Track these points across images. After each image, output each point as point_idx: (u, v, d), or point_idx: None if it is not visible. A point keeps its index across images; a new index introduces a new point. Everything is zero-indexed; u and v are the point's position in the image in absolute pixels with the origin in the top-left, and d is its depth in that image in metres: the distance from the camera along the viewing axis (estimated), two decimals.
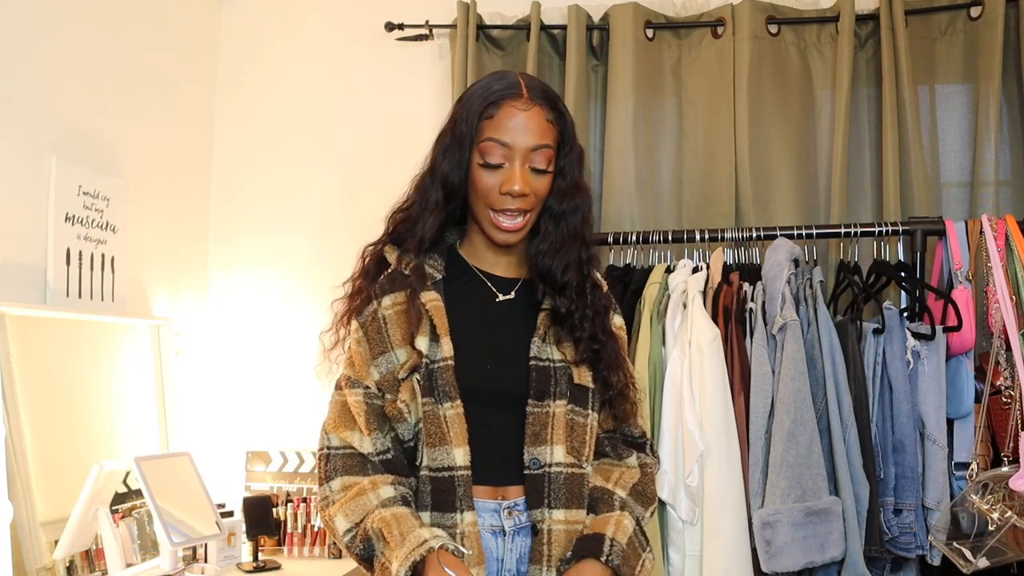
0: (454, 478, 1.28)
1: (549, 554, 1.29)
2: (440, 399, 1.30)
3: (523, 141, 1.30)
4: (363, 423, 1.34)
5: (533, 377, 1.33)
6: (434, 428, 1.29)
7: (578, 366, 1.36)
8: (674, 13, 2.61)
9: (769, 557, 1.95)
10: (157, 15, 2.50)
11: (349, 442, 1.35)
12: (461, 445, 1.29)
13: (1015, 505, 1.85)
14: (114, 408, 2.18)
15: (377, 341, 1.35)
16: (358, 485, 1.31)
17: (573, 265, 1.37)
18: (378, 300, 1.37)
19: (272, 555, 2.44)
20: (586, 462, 1.35)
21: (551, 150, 1.33)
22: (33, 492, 1.84)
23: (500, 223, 1.33)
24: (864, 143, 2.51)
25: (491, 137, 1.31)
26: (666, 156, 2.58)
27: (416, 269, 1.36)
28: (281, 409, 2.69)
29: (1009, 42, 2.37)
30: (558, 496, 1.30)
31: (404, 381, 1.32)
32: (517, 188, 1.30)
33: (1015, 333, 1.99)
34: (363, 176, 2.74)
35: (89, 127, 2.22)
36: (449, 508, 1.28)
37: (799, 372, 2.00)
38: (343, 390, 1.39)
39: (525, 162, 1.31)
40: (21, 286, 1.97)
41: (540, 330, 1.36)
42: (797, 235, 2.21)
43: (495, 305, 1.40)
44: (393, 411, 1.34)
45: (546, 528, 1.30)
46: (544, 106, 1.33)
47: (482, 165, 1.32)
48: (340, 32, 2.80)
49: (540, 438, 1.31)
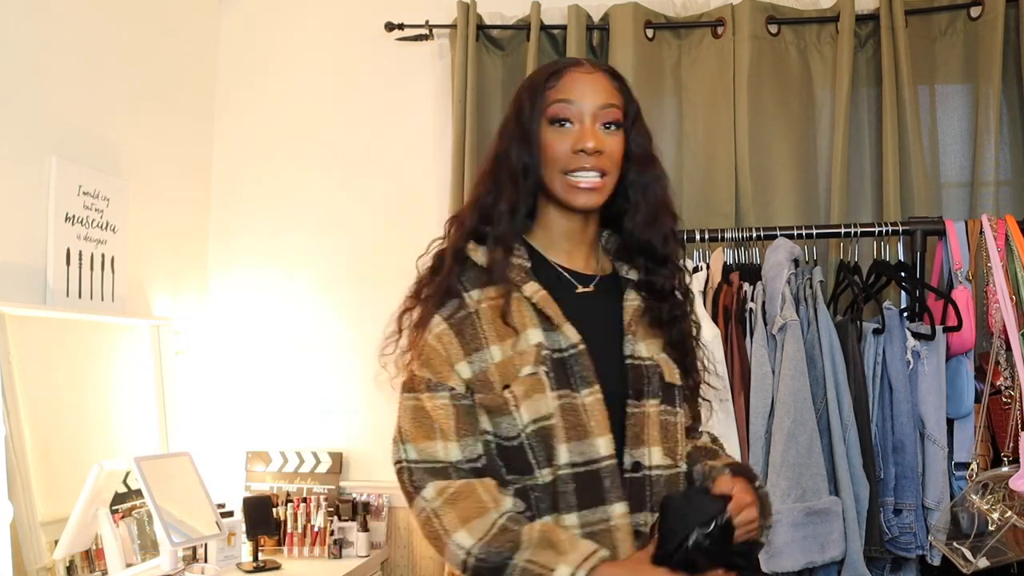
0: (599, 470, 1.20)
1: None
2: (577, 386, 1.22)
3: (591, 98, 1.27)
4: (452, 428, 1.23)
5: (631, 377, 1.26)
6: (574, 419, 1.20)
7: (667, 363, 1.31)
8: (674, 13, 2.61)
9: (769, 557, 1.95)
10: (157, 15, 2.50)
11: (430, 453, 1.23)
12: (604, 434, 1.21)
13: (1015, 505, 1.85)
14: (114, 408, 2.18)
15: (470, 337, 1.24)
16: (463, 486, 1.20)
17: (671, 237, 1.33)
18: (468, 295, 1.27)
19: (272, 555, 2.44)
20: (681, 460, 1.31)
21: (619, 110, 1.29)
22: (33, 492, 1.84)
23: (578, 182, 1.26)
24: (864, 143, 2.51)
25: (558, 99, 1.27)
26: (666, 156, 2.53)
27: (509, 263, 1.27)
28: (281, 409, 2.69)
29: (1009, 42, 2.37)
30: (660, 500, 1.23)
31: (528, 377, 1.21)
32: (591, 145, 1.24)
33: (1015, 333, 1.99)
34: (363, 176, 2.74)
35: (89, 127, 2.22)
36: (599, 502, 1.20)
37: (799, 372, 2.00)
38: (418, 394, 1.25)
39: (595, 120, 1.27)
40: (21, 286, 1.97)
41: (632, 326, 1.29)
42: (797, 235, 2.21)
43: (576, 298, 1.31)
44: (494, 404, 1.22)
45: (647, 532, 1.23)
46: (608, 74, 1.31)
47: (551, 123, 1.27)
48: (340, 32, 2.80)
49: (639, 440, 1.25)
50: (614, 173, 1.29)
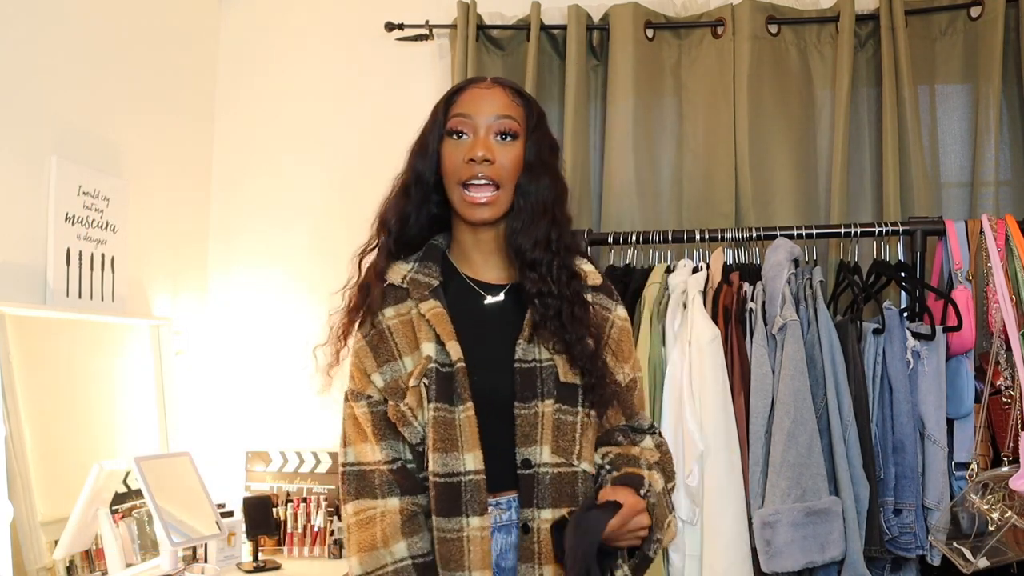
0: (461, 483, 1.29)
1: (540, 552, 1.30)
2: (456, 401, 1.31)
3: (487, 111, 1.35)
4: (371, 432, 1.35)
5: (517, 380, 1.34)
6: (444, 433, 1.29)
7: (564, 364, 1.36)
8: (674, 13, 2.61)
9: (769, 557, 1.95)
10: (157, 15, 2.50)
11: (360, 456, 1.35)
12: (472, 450, 1.29)
13: (1015, 505, 1.85)
14: (114, 408, 2.18)
15: (382, 350, 1.36)
16: (373, 515, 1.32)
17: (542, 243, 1.36)
18: (381, 312, 1.38)
19: (272, 555, 2.44)
20: (577, 459, 1.34)
21: (515, 122, 1.36)
22: (33, 492, 1.84)
23: (470, 197, 1.34)
24: (864, 143, 2.51)
25: (456, 113, 1.36)
26: (666, 156, 2.58)
27: (413, 281, 1.38)
28: (281, 409, 2.69)
29: (1009, 42, 2.37)
30: (544, 496, 1.31)
31: (413, 388, 1.32)
32: (480, 153, 1.32)
33: (1015, 333, 1.99)
34: (363, 176, 2.73)
35: (89, 127, 2.22)
36: (455, 513, 1.28)
37: (799, 372, 2.00)
38: (349, 403, 1.39)
39: (489, 131, 1.35)
40: (21, 286, 1.97)
41: (525, 331, 1.36)
42: (797, 235, 2.21)
43: (482, 308, 1.40)
44: (396, 415, 1.33)
45: (535, 527, 1.31)
46: (507, 88, 1.39)
47: (447, 134, 1.37)
48: (340, 32, 2.80)
49: (530, 439, 1.32)
50: (508, 184, 1.35)
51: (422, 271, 1.39)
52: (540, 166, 1.38)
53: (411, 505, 1.32)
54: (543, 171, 1.38)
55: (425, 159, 1.38)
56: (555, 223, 1.38)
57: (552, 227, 1.37)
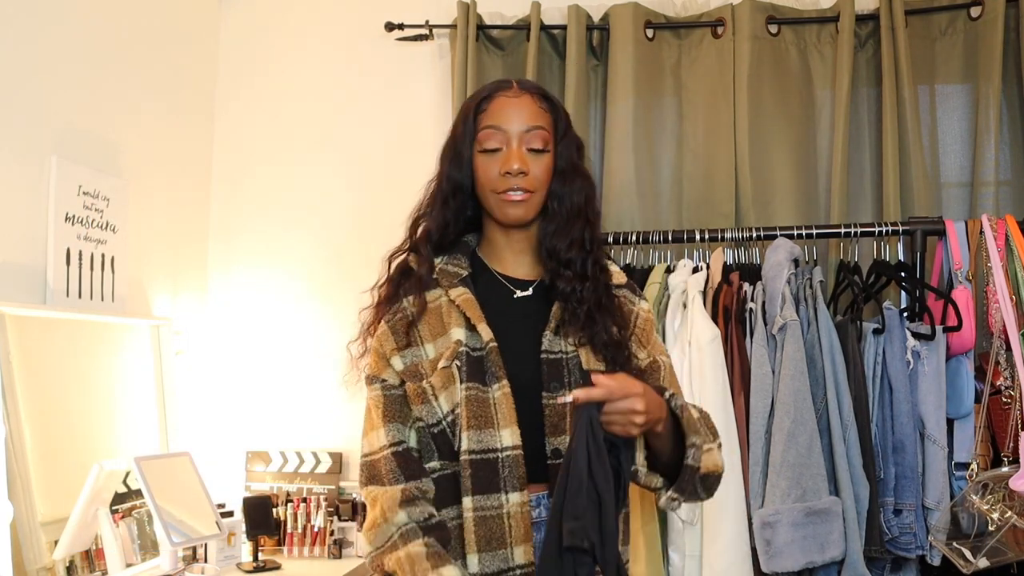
0: (498, 459, 1.30)
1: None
2: (489, 380, 1.33)
3: (517, 123, 1.38)
4: (380, 415, 1.37)
5: (544, 370, 1.36)
6: (478, 410, 1.31)
7: (587, 354, 1.38)
8: (674, 13, 2.61)
9: (769, 557, 1.95)
10: (157, 15, 2.50)
11: (370, 445, 1.39)
12: (509, 426, 1.31)
13: (1015, 505, 1.85)
14: (114, 408, 2.18)
15: (403, 335, 1.39)
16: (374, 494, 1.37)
17: (577, 243, 1.40)
18: (407, 299, 1.41)
19: (272, 555, 2.44)
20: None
21: (546, 132, 1.39)
22: (33, 492, 1.84)
23: (508, 197, 1.38)
24: (864, 143, 2.51)
25: (487, 125, 1.39)
26: (666, 156, 2.58)
27: (442, 271, 1.42)
28: (281, 409, 2.69)
29: (1009, 42, 2.37)
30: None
31: (443, 369, 1.34)
32: (516, 166, 1.35)
33: (1015, 333, 1.99)
34: (363, 175, 2.74)
35: (89, 127, 2.22)
36: (494, 489, 1.29)
37: (799, 372, 2.00)
38: (367, 390, 1.42)
39: (521, 143, 1.38)
40: (21, 286, 1.97)
41: (552, 323, 1.39)
42: (797, 235, 2.21)
43: (512, 302, 1.43)
44: (416, 392, 1.36)
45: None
46: (535, 95, 1.42)
47: (481, 152, 1.39)
48: (340, 32, 2.80)
49: (559, 428, 1.33)
50: (541, 190, 1.40)
51: (452, 263, 1.43)
52: (571, 170, 1.42)
53: (414, 490, 1.33)
54: (574, 175, 1.43)
55: (460, 169, 1.41)
56: (588, 224, 1.43)
57: (586, 228, 1.42)
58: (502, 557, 1.28)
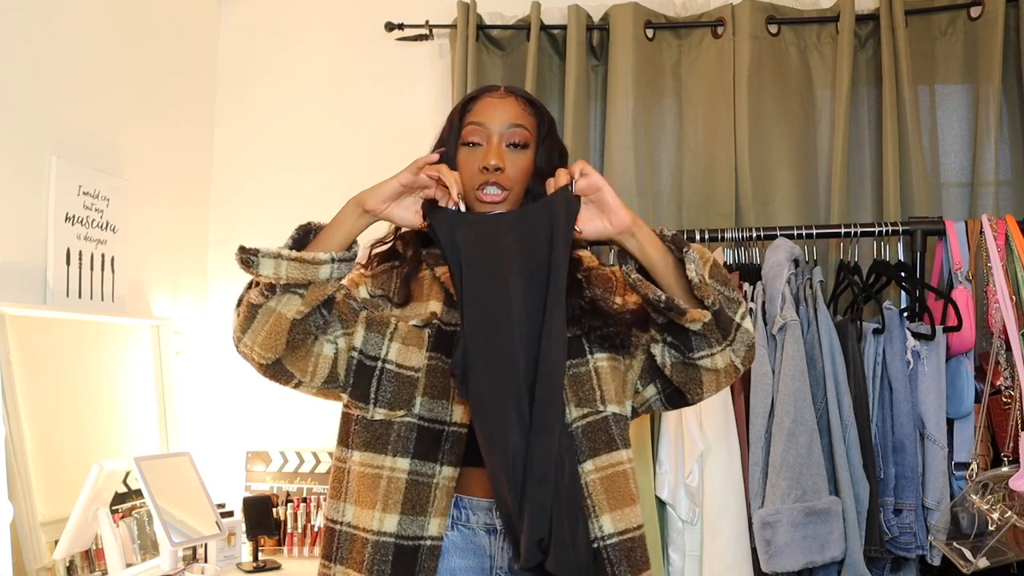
0: (444, 432, 1.32)
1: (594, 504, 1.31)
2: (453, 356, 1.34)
3: (499, 120, 1.41)
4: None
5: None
6: (436, 381, 1.34)
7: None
8: (674, 13, 2.61)
9: (769, 557, 1.95)
10: (157, 15, 2.50)
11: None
12: (463, 404, 1.32)
13: (1015, 505, 1.85)
14: (114, 408, 2.18)
15: (383, 281, 1.45)
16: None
17: None
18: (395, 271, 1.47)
19: (272, 555, 2.44)
20: (602, 403, 1.35)
21: (526, 131, 1.42)
22: (33, 492, 1.84)
23: (483, 197, 1.39)
24: (864, 143, 2.51)
25: (470, 121, 1.42)
26: (666, 156, 2.58)
27: (428, 254, 1.45)
28: (281, 409, 2.69)
29: (1009, 42, 2.37)
30: (582, 449, 1.32)
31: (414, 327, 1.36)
32: (493, 162, 1.38)
33: (1015, 333, 1.99)
34: (363, 175, 2.70)
35: (89, 127, 2.22)
36: (431, 458, 1.32)
37: (799, 372, 2.00)
38: None
39: (502, 140, 1.40)
40: (21, 286, 1.97)
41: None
42: (797, 235, 2.21)
43: None
44: (375, 318, 1.38)
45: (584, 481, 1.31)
46: (520, 97, 1.45)
47: (463, 145, 1.42)
48: (340, 32, 2.80)
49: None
50: (517, 188, 1.41)
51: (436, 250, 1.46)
52: (551, 172, 1.42)
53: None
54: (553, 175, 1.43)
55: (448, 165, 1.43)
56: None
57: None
58: (419, 524, 1.30)
